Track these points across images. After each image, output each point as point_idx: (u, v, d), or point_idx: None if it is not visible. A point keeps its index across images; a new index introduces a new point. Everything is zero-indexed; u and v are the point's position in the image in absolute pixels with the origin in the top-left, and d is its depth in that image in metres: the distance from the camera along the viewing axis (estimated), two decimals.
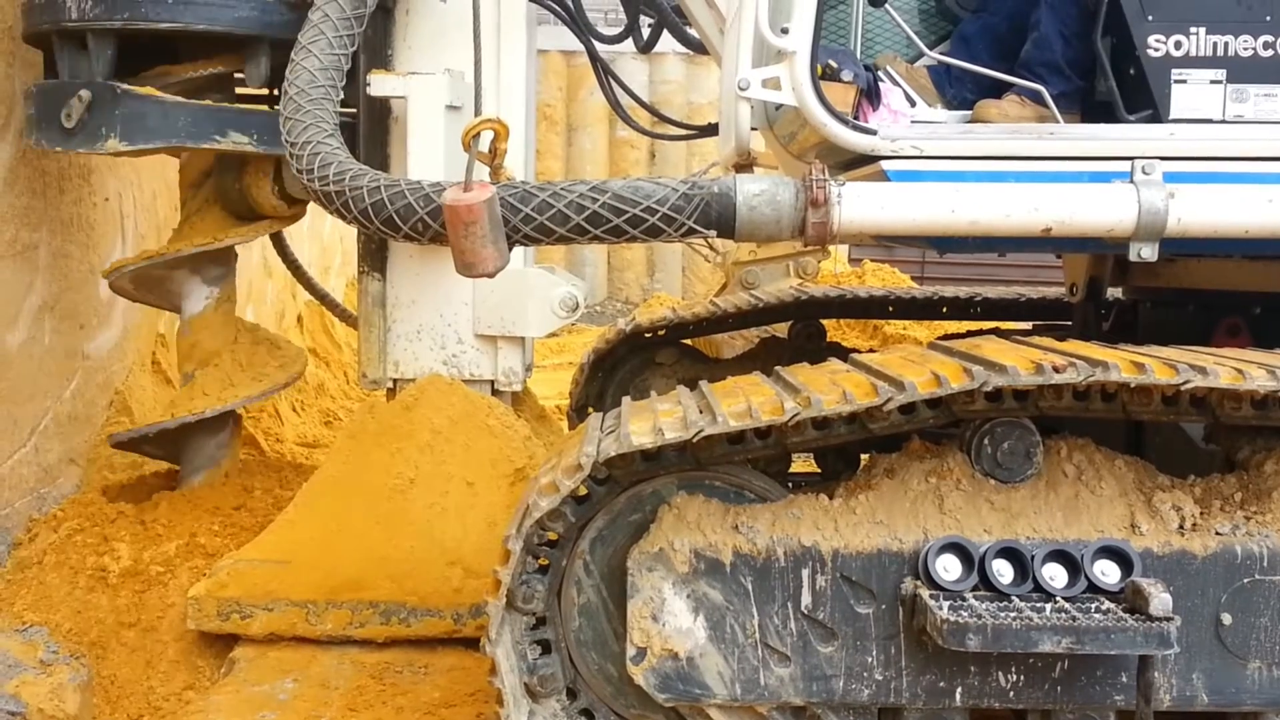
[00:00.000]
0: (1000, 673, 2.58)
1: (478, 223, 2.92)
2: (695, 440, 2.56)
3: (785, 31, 3.06)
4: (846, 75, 3.31)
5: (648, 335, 4.93)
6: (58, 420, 4.37)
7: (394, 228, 3.05)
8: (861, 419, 2.68)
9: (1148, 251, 2.97)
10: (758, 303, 5.04)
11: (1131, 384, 2.52)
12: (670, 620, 2.60)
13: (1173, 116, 3.16)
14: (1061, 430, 2.75)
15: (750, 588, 2.60)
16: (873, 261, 11.24)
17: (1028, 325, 5.15)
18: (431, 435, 3.82)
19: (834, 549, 2.59)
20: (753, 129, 3.37)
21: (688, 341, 5.04)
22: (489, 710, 3.06)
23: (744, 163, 3.41)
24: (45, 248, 4.27)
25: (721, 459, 2.71)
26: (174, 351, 5.28)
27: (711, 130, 4.98)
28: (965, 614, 2.44)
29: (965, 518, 2.63)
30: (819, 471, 3.21)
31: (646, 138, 9.40)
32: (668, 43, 5.25)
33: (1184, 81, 3.17)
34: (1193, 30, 3.16)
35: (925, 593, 2.53)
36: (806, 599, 2.60)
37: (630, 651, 2.61)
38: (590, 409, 4.67)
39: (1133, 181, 2.96)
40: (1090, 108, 3.42)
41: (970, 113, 3.45)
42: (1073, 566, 2.56)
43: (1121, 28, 3.22)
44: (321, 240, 8.30)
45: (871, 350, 3.65)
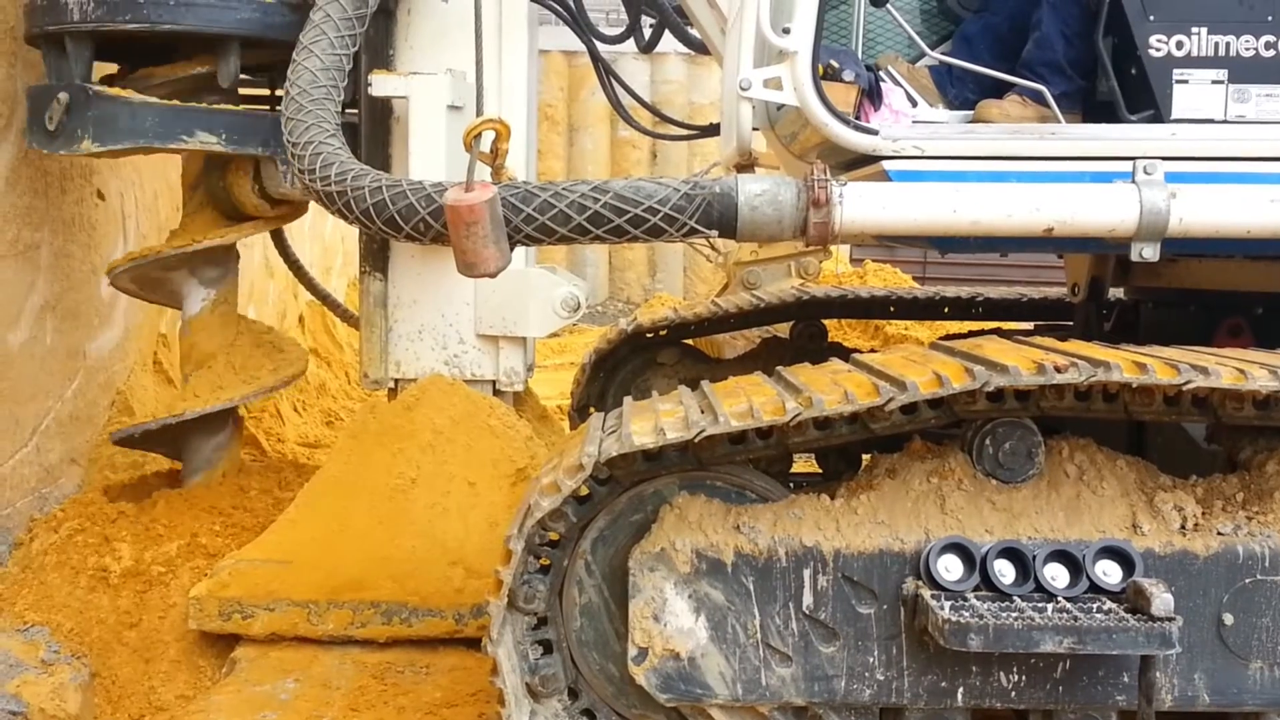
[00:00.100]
0: (1002, 673, 2.58)
1: (479, 223, 2.92)
2: (697, 440, 2.56)
3: (787, 31, 3.06)
4: (848, 75, 3.32)
5: (649, 335, 4.93)
6: (59, 420, 4.38)
7: (396, 228, 3.05)
8: (863, 419, 2.68)
9: (1149, 252, 2.97)
10: (759, 303, 5.04)
11: (1133, 384, 2.52)
12: (672, 620, 2.60)
13: (1174, 116, 3.16)
14: (1063, 430, 2.75)
15: (752, 588, 2.60)
16: (874, 261, 11.24)
17: (1029, 325, 5.15)
18: (433, 435, 3.82)
19: (835, 549, 2.59)
20: (754, 129, 3.37)
21: (689, 342, 5.04)
22: (491, 710, 3.06)
23: (745, 163, 3.41)
24: (47, 247, 4.27)
25: (723, 459, 2.71)
26: (175, 351, 5.30)
27: (713, 130, 4.98)
28: (967, 614, 2.44)
29: (967, 518, 2.63)
30: (820, 472, 3.21)
31: (648, 138, 9.42)
32: (669, 43, 5.26)
33: (1185, 81, 3.17)
34: (1194, 30, 3.16)
35: (927, 593, 2.53)
36: (808, 599, 2.60)
37: (632, 651, 2.61)
38: (592, 409, 4.67)
39: (1134, 182, 2.96)
40: (1092, 108, 3.42)
41: (972, 113, 3.45)
42: (1074, 567, 2.56)
43: (1123, 28, 3.22)
44: (323, 240, 8.31)
45: (873, 350, 3.65)
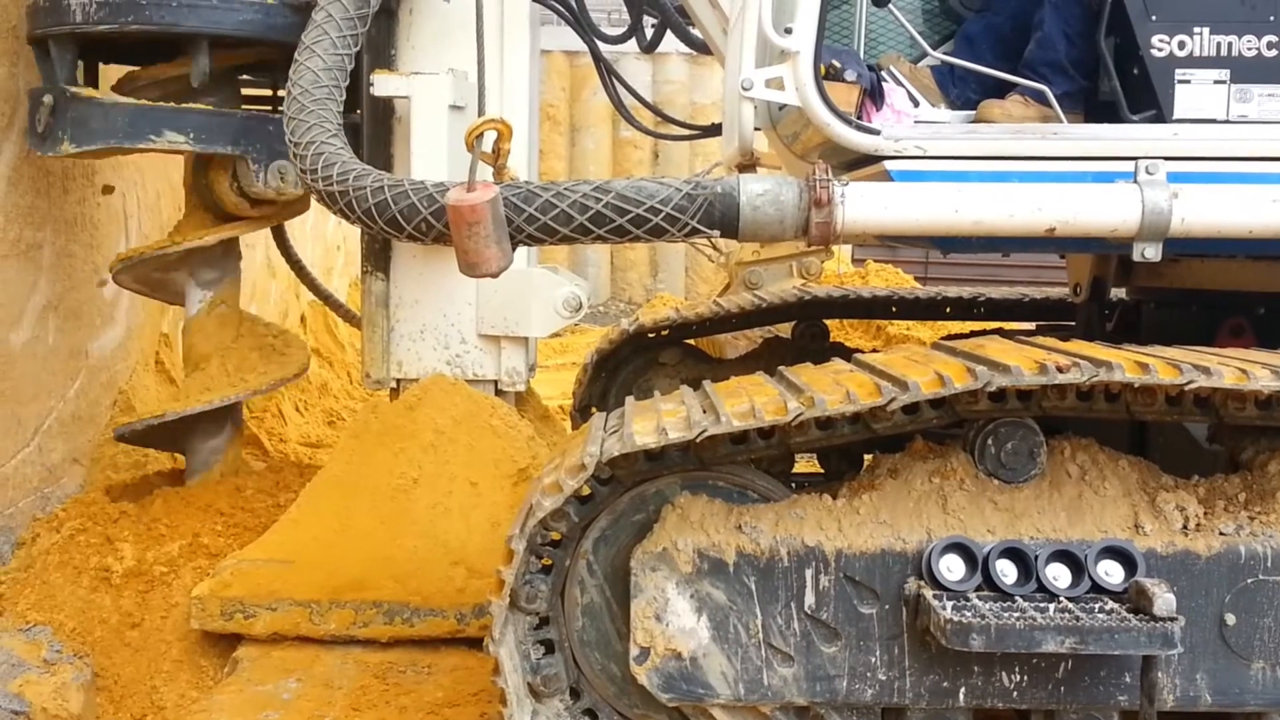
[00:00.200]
0: (1004, 673, 2.58)
1: (481, 223, 2.92)
2: (699, 440, 2.56)
3: (789, 31, 3.06)
4: (850, 75, 3.32)
5: (651, 335, 4.93)
6: (61, 420, 4.38)
7: (398, 228, 3.05)
8: (865, 419, 2.68)
9: (1151, 252, 2.97)
10: (761, 303, 5.04)
11: (1135, 384, 2.52)
12: (673, 620, 2.60)
13: (1176, 116, 3.16)
14: (1065, 430, 2.75)
15: (753, 588, 2.60)
16: (876, 262, 11.24)
17: (1031, 326, 5.15)
18: (435, 435, 3.82)
19: (837, 549, 2.59)
20: (756, 129, 3.37)
21: (691, 342, 5.04)
22: (492, 710, 3.06)
23: (747, 163, 3.42)
24: (49, 247, 4.27)
25: (725, 459, 2.71)
26: (178, 351, 5.31)
27: (715, 130, 4.99)
28: (969, 614, 2.44)
29: (969, 518, 2.63)
30: (822, 472, 3.21)
31: (650, 138, 9.43)
32: (671, 43, 5.26)
33: (1188, 81, 3.17)
34: (1196, 30, 3.16)
35: (929, 593, 2.53)
36: (810, 599, 2.60)
37: (633, 651, 2.61)
38: (593, 409, 4.67)
39: (1136, 182, 2.96)
40: (1094, 108, 3.42)
41: (974, 113, 3.45)
42: (1076, 567, 2.56)
43: (1125, 28, 3.22)
44: (325, 240, 8.31)
45: (875, 351, 3.65)
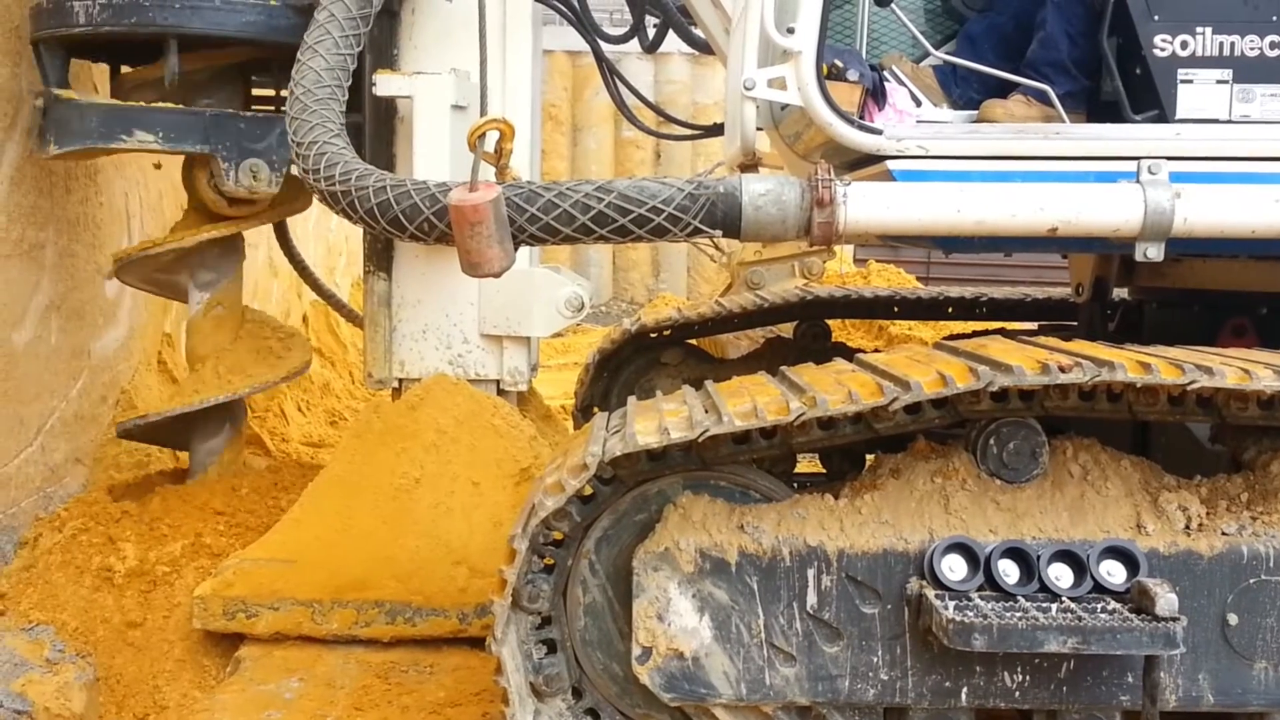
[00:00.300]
0: (1006, 673, 2.57)
1: (483, 223, 2.92)
2: (701, 440, 2.56)
3: (791, 31, 3.06)
4: (852, 75, 3.32)
5: (653, 335, 4.93)
6: (64, 419, 4.38)
7: (400, 228, 3.05)
8: (867, 419, 2.68)
9: (1154, 251, 2.97)
10: (763, 303, 5.04)
11: (1137, 384, 2.52)
12: (675, 620, 2.60)
13: (1179, 116, 3.16)
14: (1067, 430, 2.75)
15: (756, 587, 2.60)
16: (878, 261, 11.25)
17: (1033, 325, 5.15)
18: (437, 435, 3.82)
19: (839, 549, 2.59)
20: (758, 129, 3.37)
21: (693, 342, 5.05)
22: (494, 710, 3.06)
23: (749, 163, 3.42)
24: (52, 247, 4.28)
25: (727, 459, 2.71)
26: (180, 351, 5.31)
27: (717, 130, 4.99)
28: (971, 614, 2.44)
29: (971, 518, 2.63)
30: (824, 471, 3.21)
31: (652, 138, 9.43)
32: (673, 43, 5.26)
33: (1190, 81, 3.17)
34: (1199, 30, 3.16)
35: (931, 593, 2.53)
36: (812, 599, 2.60)
37: (635, 651, 2.61)
38: (595, 409, 4.67)
39: (1139, 181, 2.96)
40: (1096, 108, 3.42)
41: (976, 112, 3.45)
42: (1078, 567, 2.56)
43: (1127, 27, 3.21)
44: (327, 240, 8.32)
45: (877, 350, 3.65)
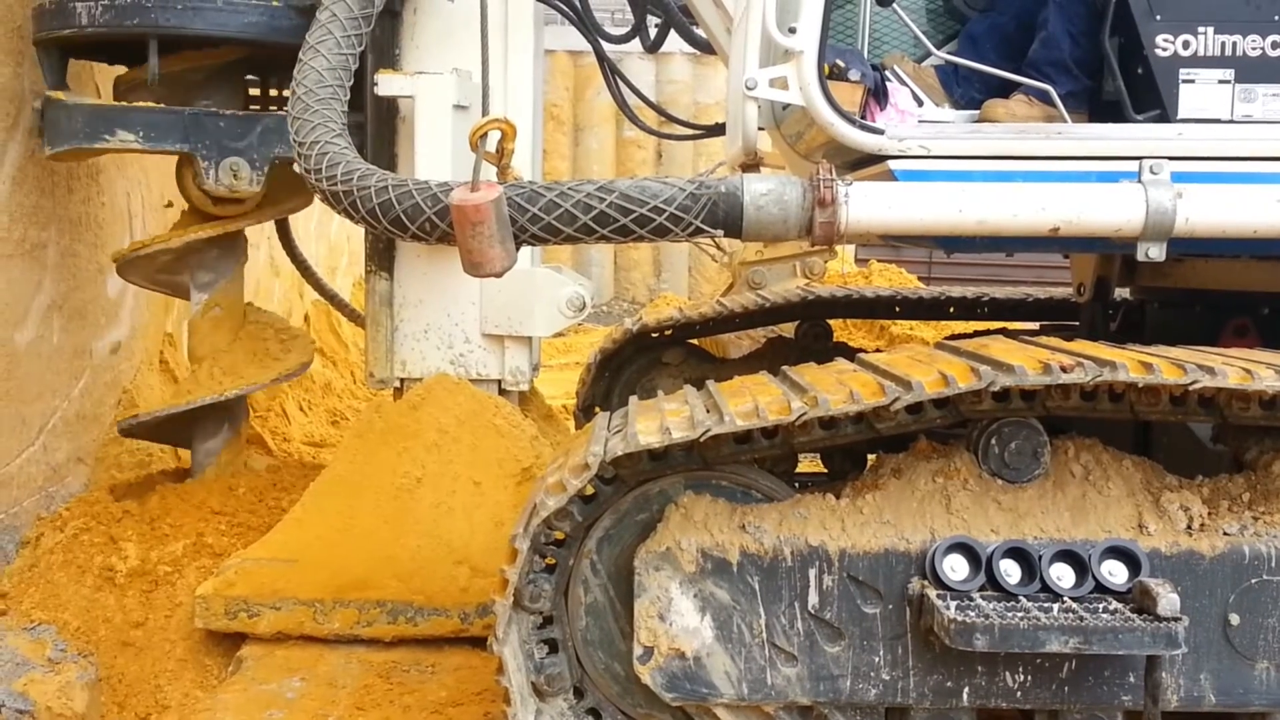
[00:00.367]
0: (1007, 673, 2.57)
1: (485, 223, 2.92)
2: (702, 440, 2.56)
3: (793, 31, 3.06)
4: (854, 75, 3.31)
5: (654, 335, 4.93)
6: (66, 419, 4.39)
7: (402, 228, 3.05)
8: (868, 419, 2.68)
9: (1155, 251, 2.97)
10: (764, 303, 5.04)
11: (1139, 384, 2.52)
12: (677, 620, 2.60)
13: (1181, 116, 3.16)
14: (1069, 430, 2.75)
15: (757, 587, 2.60)
16: (879, 261, 11.25)
17: (1035, 325, 5.14)
18: (438, 434, 3.82)
19: (841, 549, 2.59)
20: (760, 129, 3.37)
21: (694, 341, 5.05)
22: (496, 709, 3.06)
23: (751, 162, 3.41)
24: (54, 246, 4.28)
25: (728, 459, 2.71)
26: (181, 350, 5.32)
27: (718, 130, 4.99)
28: (972, 614, 2.44)
29: (972, 518, 2.63)
30: (826, 471, 3.21)
31: (653, 138, 9.44)
32: (675, 42, 5.25)
33: (1192, 81, 3.16)
34: (1201, 30, 3.16)
35: (932, 592, 2.53)
36: (813, 599, 2.60)
37: (637, 651, 2.61)
38: (597, 408, 4.68)
39: (1140, 181, 2.95)
40: (1098, 107, 3.42)
41: (978, 112, 3.44)
42: (1080, 567, 2.56)
43: (1129, 27, 3.21)
44: (329, 240, 8.32)
45: (878, 350, 3.65)
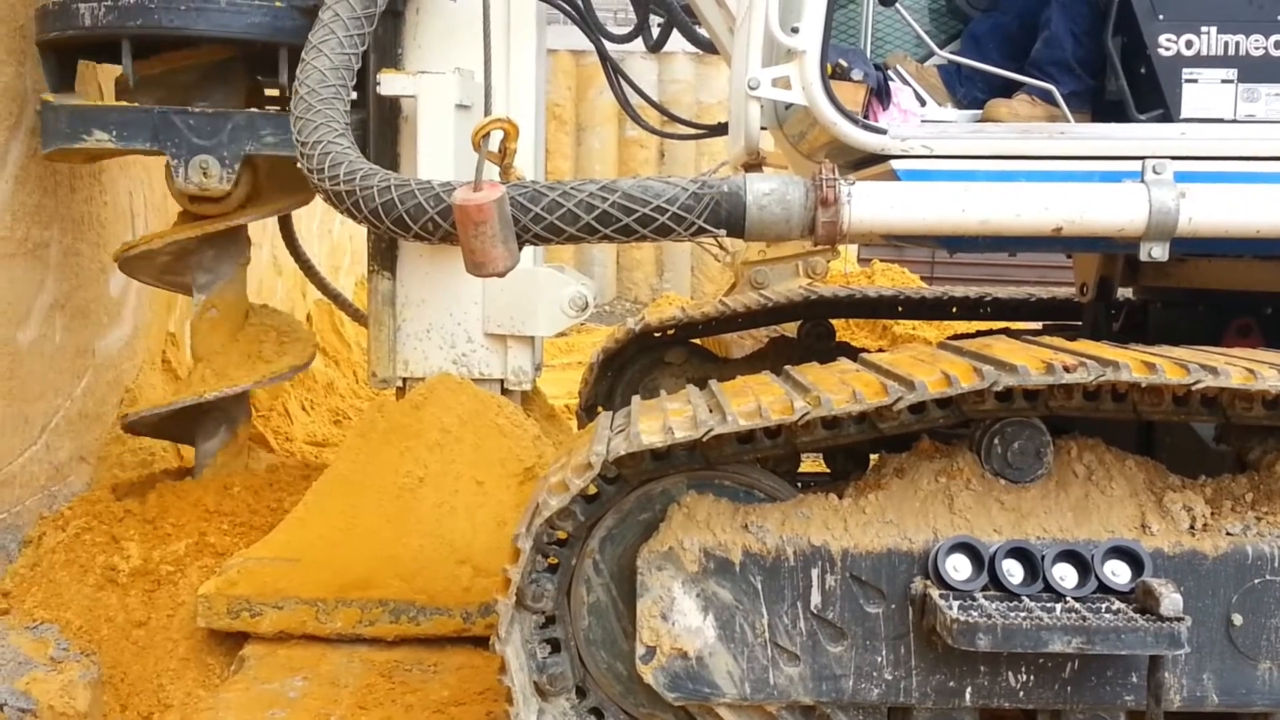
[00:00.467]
0: (1010, 673, 2.57)
1: (488, 222, 2.92)
2: (705, 439, 2.55)
3: (795, 31, 3.06)
4: (856, 74, 3.31)
5: (657, 335, 4.93)
6: (68, 418, 4.39)
7: (404, 227, 3.05)
8: (871, 419, 2.68)
9: (1158, 251, 2.97)
10: (767, 302, 5.03)
11: (1142, 384, 2.52)
12: (680, 619, 2.60)
13: (1184, 116, 3.16)
14: (1072, 430, 2.75)
15: (759, 587, 2.60)
16: (882, 261, 11.24)
17: (1038, 325, 5.14)
18: (441, 434, 3.82)
19: (843, 548, 2.59)
20: (762, 128, 3.37)
21: (697, 341, 5.04)
22: (498, 709, 3.07)
23: (753, 162, 3.42)
24: (56, 246, 4.28)
25: (731, 458, 2.71)
26: (183, 350, 5.32)
27: (721, 130, 4.99)
28: (975, 614, 2.44)
29: (975, 517, 2.63)
30: (828, 471, 3.21)
31: (656, 137, 9.42)
32: (677, 42, 5.25)
33: (1195, 81, 3.16)
34: (1204, 29, 3.15)
35: (935, 592, 2.52)
36: (816, 598, 2.60)
37: (639, 650, 2.61)
38: (599, 408, 4.68)
39: (1144, 181, 2.95)
40: (1101, 107, 3.41)
41: (980, 112, 3.44)
42: (1083, 567, 2.55)
43: (1132, 27, 3.21)
44: (331, 239, 8.32)
45: (881, 350, 3.65)
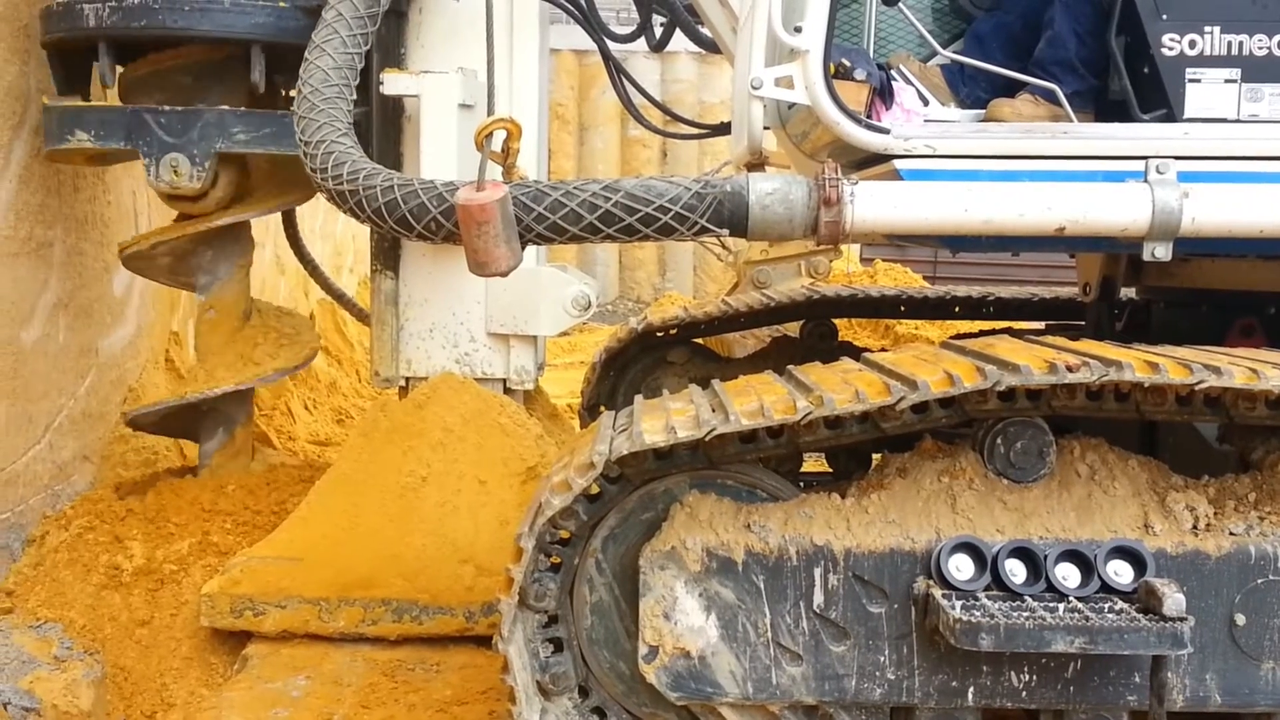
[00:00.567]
0: (1013, 673, 2.57)
1: (491, 222, 2.92)
2: (708, 439, 2.56)
3: (798, 30, 3.06)
4: (859, 74, 3.31)
5: (659, 334, 4.93)
6: (72, 417, 4.39)
7: (407, 227, 3.05)
8: (874, 418, 2.68)
9: (1161, 251, 2.96)
10: (769, 302, 5.03)
11: (1145, 384, 2.51)
12: (682, 619, 2.60)
13: (1187, 116, 3.15)
14: (1075, 430, 2.75)
15: (762, 586, 2.60)
16: (884, 261, 11.23)
17: (1040, 325, 5.14)
18: (443, 433, 3.83)
19: (846, 548, 2.59)
20: (765, 128, 3.37)
21: (699, 340, 5.04)
22: (501, 708, 3.07)
23: (756, 162, 3.41)
24: (60, 245, 4.29)
25: (734, 458, 2.71)
26: (186, 349, 5.32)
27: (724, 129, 4.99)
28: (978, 614, 2.44)
29: (978, 517, 2.63)
30: (831, 471, 3.21)
31: (659, 137, 9.41)
32: (680, 41, 5.26)
33: (1198, 81, 3.16)
34: (1207, 29, 3.15)
35: (938, 592, 2.52)
36: (819, 598, 2.60)
37: (642, 650, 2.61)
38: (602, 408, 4.67)
39: (1147, 181, 2.95)
40: (1104, 107, 3.41)
41: (983, 112, 3.44)
42: (1086, 566, 2.55)
43: (1136, 26, 3.21)
44: (334, 239, 8.32)
45: (884, 350, 3.64)
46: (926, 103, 3.49)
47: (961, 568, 2.56)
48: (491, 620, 3.42)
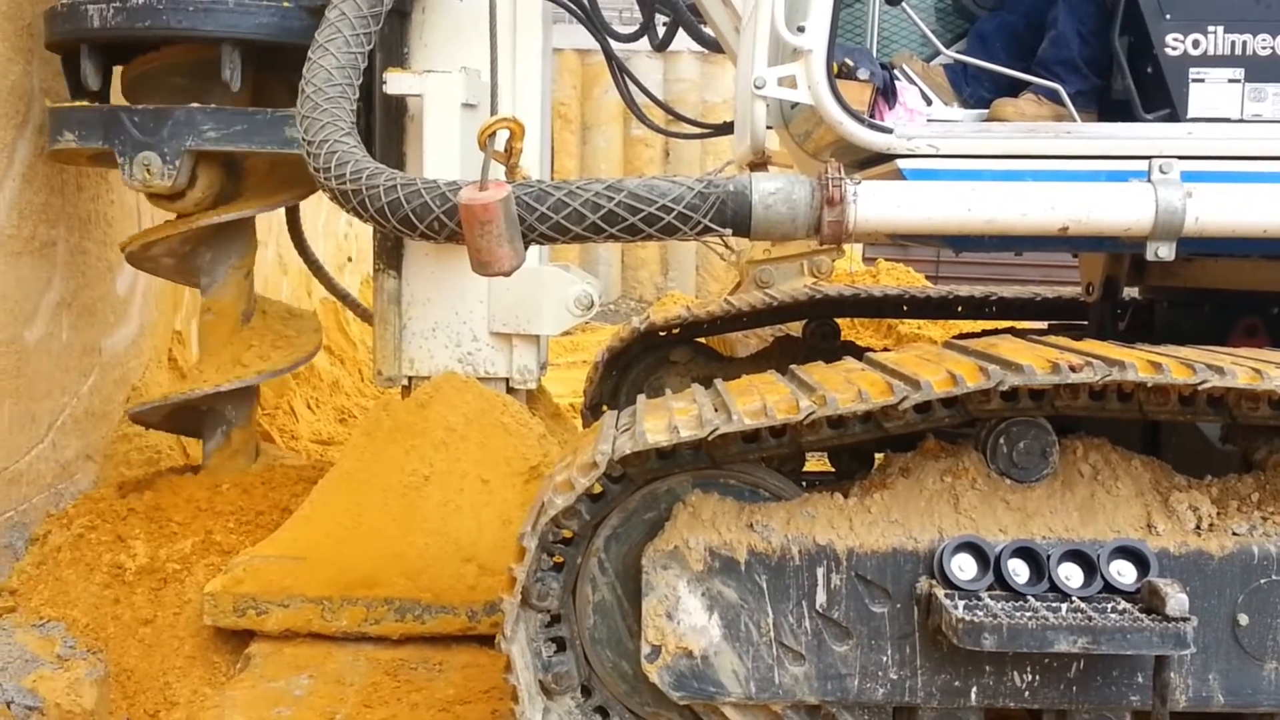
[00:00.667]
0: (1015, 672, 2.57)
1: (493, 222, 2.93)
2: (710, 438, 2.56)
3: (801, 29, 3.06)
4: (862, 73, 3.31)
5: (662, 334, 4.93)
6: (75, 416, 4.40)
7: (410, 226, 3.05)
8: (877, 418, 2.68)
9: (1165, 251, 2.96)
10: (772, 301, 5.03)
11: (1148, 384, 2.51)
12: (685, 618, 2.60)
13: (1190, 115, 3.15)
14: (1078, 430, 2.74)
15: (765, 586, 2.60)
16: (887, 260, 11.22)
17: (1043, 325, 5.13)
18: (446, 433, 3.83)
19: (849, 548, 2.59)
20: (768, 127, 3.37)
21: (702, 340, 5.04)
22: (504, 707, 3.07)
23: (759, 161, 3.41)
24: (63, 244, 4.29)
25: (736, 457, 2.71)
26: (189, 348, 5.33)
27: (726, 129, 4.98)
28: (980, 613, 2.44)
29: (981, 517, 2.63)
30: (834, 470, 3.21)
31: (661, 136, 9.43)
32: (683, 41, 5.26)
33: (1202, 80, 3.16)
34: (1211, 29, 3.15)
35: (940, 592, 2.52)
36: (821, 598, 2.60)
37: (645, 649, 2.61)
38: (604, 407, 4.68)
39: (1150, 181, 2.95)
40: (1107, 107, 3.41)
41: (987, 111, 3.44)
42: (1089, 566, 2.55)
43: (1139, 26, 3.21)
44: (336, 238, 8.33)
45: (886, 349, 3.64)
46: (929, 102, 3.49)
47: (964, 567, 2.56)
48: (494, 620, 3.42)
